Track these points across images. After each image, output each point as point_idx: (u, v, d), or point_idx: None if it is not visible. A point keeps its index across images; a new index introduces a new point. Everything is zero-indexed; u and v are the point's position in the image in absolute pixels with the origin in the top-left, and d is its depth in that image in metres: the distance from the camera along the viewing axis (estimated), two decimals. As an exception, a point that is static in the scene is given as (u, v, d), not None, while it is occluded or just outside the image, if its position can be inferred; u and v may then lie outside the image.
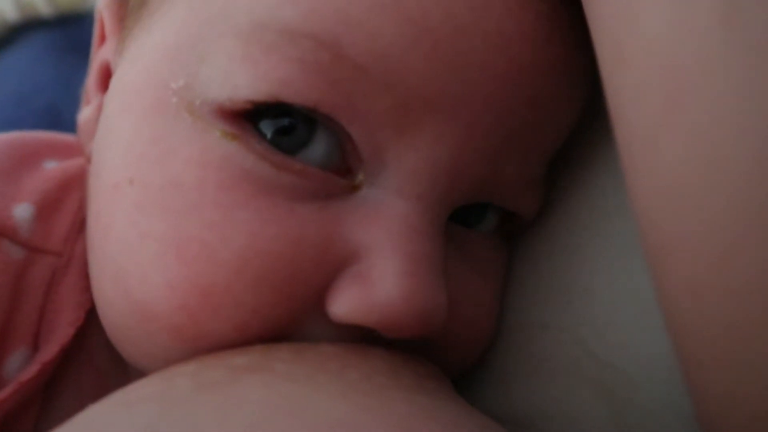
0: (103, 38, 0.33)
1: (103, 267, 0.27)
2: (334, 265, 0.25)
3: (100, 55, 0.32)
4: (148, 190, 0.25)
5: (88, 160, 0.31)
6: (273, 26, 0.24)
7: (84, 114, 0.32)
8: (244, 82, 0.24)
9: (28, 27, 0.58)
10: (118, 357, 0.29)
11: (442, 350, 0.27)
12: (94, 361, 0.31)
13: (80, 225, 0.31)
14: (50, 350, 0.28)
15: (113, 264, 0.26)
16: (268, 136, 0.25)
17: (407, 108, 0.25)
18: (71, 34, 0.56)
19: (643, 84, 0.19)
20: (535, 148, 0.28)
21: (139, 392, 0.22)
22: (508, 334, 0.30)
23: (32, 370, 0.28)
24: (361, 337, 0.25)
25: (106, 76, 0.32)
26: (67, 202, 0.31)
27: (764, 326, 0.17)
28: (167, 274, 0.25)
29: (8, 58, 0.58)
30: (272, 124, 0.25)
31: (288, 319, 0.25)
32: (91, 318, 0.30)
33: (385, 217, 0.25)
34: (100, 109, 0.30)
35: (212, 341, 0.25)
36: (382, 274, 0.24)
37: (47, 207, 0.31)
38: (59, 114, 0.51)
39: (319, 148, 0.25)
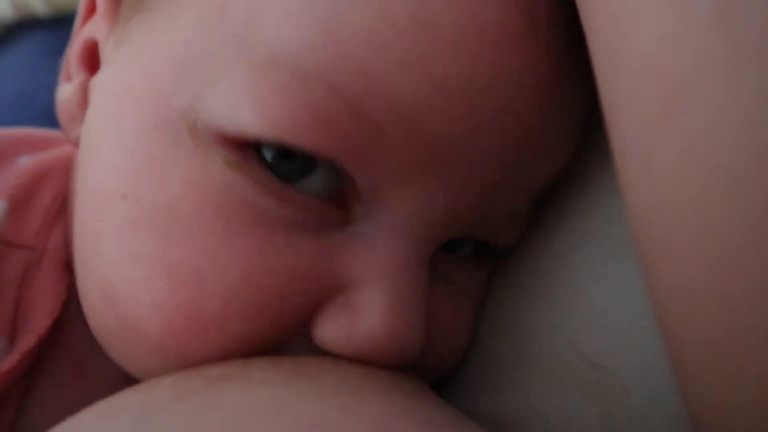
0: (90, 12, 0.32)
1: (89, 275, 0.27)
2: (323, 294, 0.26)
3: (85, 30, 0.31)
4: (142, 208, 0.25)
5: (75, 144, 0.30)
6: (289, 66, 0.24)
7: (65, 92, 0.31)
8: (252, 119, 0.24)
9: (23, 26, 0.57)
10: (97, 348, 0.29)
11: (418, 366, 0.28)
12: (74, 352, 0.31)
13: (54, 217, 0.31)
14: (28, 340, 0.29)
15: (99, 275, 0.26)
16: (269, 158, 0.25)
17: (415, 162, 0.25)
18: (68, 34, 0.56)
19: (637, 89, 0.19)
20: (528, 188, 0.28)
21: (118, 403, 0.22)
22: (500, 335, 0.30)
23: (13, 359, 0.28)
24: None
25: (90, 53, 0.31)
26: (41, 195, 0.31)
27: (759, 333, 0.17)
28: (155, 295, 0.25)
29: (5, 58, 0.57)
30: (274, 148, 0.25)
31: (272, 344, 0.25)
32: (68, 310, 0.30)
33: (377, 252, 0.26)
34: (83, 89, 0.30)
35: (195, 361, 0.25)
36: (370, 306, 0.25)
37: (20, 202, 0.30)
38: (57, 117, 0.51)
39: (319, 178, 0.25)
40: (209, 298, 0.24)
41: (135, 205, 0.25)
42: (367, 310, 0.25)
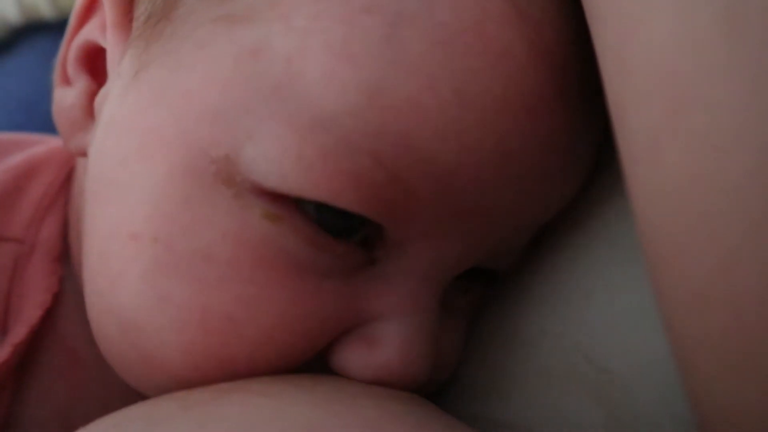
0: (88, 11, 0.31)
1: (108, 312, 0.27)
2: (344, 327, 0.27)
3: (86, 32, 0.30)
4: (174, 253, 0.25)
5: (81, 154, 0.30)
6: (333, 131, 0.24)
7: (67, 98, 0.30)
8: (295, 180, 0.24)
9: (31, 29, 0.57)
10: (93, 339, 0.29)
11: None
12: (68, 342, 0.31)
13: (45, 209, 0.31)
14: (19, 332, 0.29)
15: (120, 312, 0.26)
16: (310, 210, 0.25)
17: (440, 218, 0.26)
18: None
19: (644, 91, 0.20)
20: (537, 225, 0.29)
21: (128, 414, 0.23)
22: (509, 341, 0.31)
23: (4, 352, 0.28)
24: None
25: (91, 57, 0.30)
26: (31, 188, 0.32)
27: (765, 333, 0.17)
28: (185, 338, 0.25)
29: (12, 62, 0.58)
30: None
31: (291, 370, 0.26)
32: (61, 301, 0.30)
33: (396, 291, 0.27)
34: (88, 98, 0.30)
35: None
36: (387, 339, 0.26)
37: (7, 194, 0.31)
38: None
39: (354, 226, 0.26)
40: (242, 344, 0.25)
41: (167, 250, 0.25)
42: (385, 343, 0.26)
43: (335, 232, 0.25)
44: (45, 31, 0.57)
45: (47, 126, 0.33)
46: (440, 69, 0.24)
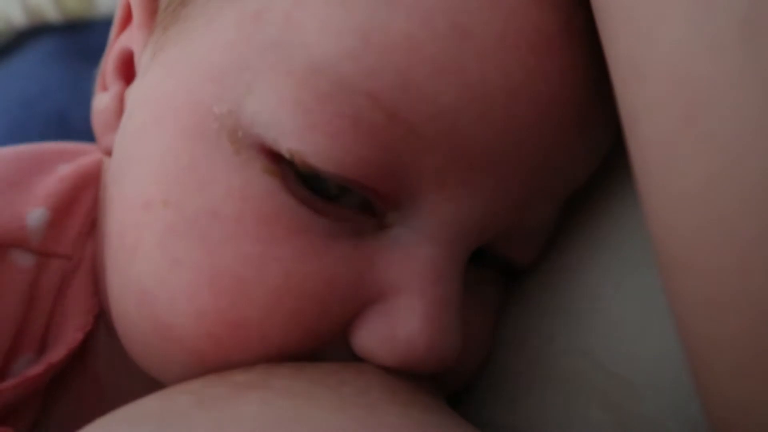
0: (125, 22, 0.32)
1: (127, 286, 0.27)
2: (361, 301, 0.26)
3: (121, 40, 0.32)
4: (184, 214, 0.26)
5: (107, 152, 0.31)
6: (330, 75, 0.24)
7: (101, 102, 0.32)
8: (292, 129, 0.24)
9: (35, 32, 0.58)
10: (119, 366, 0.30)
11: (442, 374, 0.28)
12: (96, 368, 0.31)
13: (91, 225, 0.31)
14: (58, 352, 0.29)
15: (138, 285, 0.27)
16: (303, 170, 0.25)
17: (452, 167, 0.25)
18: (79, 40, 0.56)
19: (660, 98, 0.20)
20: (557, 195, 0.29)
21: (141, 409, 0.23)
22: (516, 345, 0.31)
23: (39, 368, 0.28)
24: None
25: (126, 63, 0.32)
26: (81, 201, 0.32)
27: None
28: (197, 302, 0.25)
29: (15, 63, 0.58)
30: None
31: (311, 351, 0.26)
32: (97, 324, 0.30)
33: (414, 259, 0.26)
34: (120, 99, 0.31)
35: (232, 367, 0.25)
36: (408, 314, 0.25)
37: (62, 209, 0.31)
38: (66, 120, 0.51)
39: (352, 193, 0.26)
40: (252, 306, 0.25)
41: (177, 212, 0.26)
42: (406, 318, 0.25)
43: (327, 196, 0.25)
44: (49, 34, 0.57)
45: (47, 125, 0.33)
46: (435, 4, 0.24)
